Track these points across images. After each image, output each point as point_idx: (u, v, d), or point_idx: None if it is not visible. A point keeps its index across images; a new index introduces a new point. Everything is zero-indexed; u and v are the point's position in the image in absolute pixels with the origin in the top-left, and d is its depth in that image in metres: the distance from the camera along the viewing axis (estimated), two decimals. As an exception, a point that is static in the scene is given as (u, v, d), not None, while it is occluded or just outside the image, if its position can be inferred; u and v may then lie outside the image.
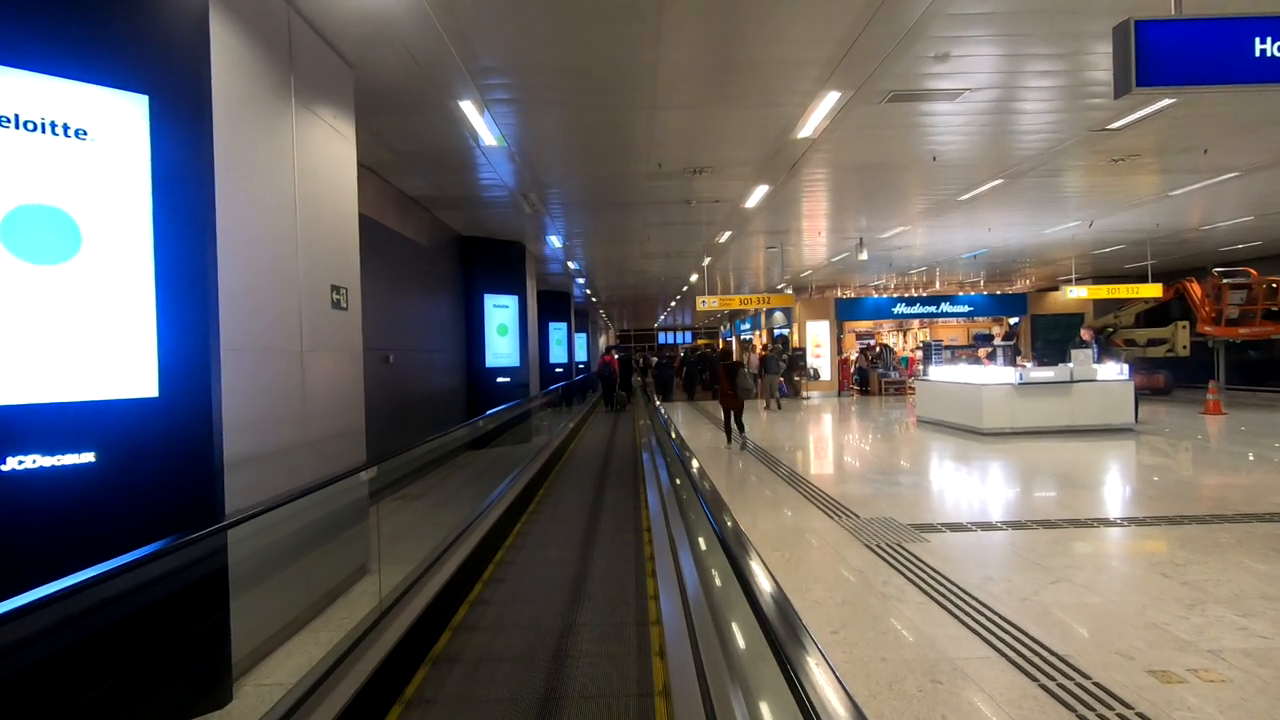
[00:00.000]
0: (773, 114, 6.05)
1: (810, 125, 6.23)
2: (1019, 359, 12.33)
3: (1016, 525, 5.44)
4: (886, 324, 26.50)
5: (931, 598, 3.89)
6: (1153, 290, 13.24)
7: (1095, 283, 13.58)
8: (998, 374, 11.21)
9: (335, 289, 4.33)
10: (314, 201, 4.10)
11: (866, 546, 4.96)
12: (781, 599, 1.77)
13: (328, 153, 4.37)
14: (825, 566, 4.58)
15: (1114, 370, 11.17)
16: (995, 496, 6.76)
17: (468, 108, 5.56)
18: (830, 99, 5.59)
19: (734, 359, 10.47)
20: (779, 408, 16.01)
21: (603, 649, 3.77)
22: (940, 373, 12.89)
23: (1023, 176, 8.47)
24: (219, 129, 3.02)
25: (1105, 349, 11.38)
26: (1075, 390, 10.92)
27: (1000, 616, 3.58)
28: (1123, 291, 13.24)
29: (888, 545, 4.95)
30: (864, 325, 24.43)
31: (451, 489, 8.11)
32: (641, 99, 5.58)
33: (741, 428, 9.82)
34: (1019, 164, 7.88)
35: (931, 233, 12.49)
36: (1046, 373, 11.05)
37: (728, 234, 11.86)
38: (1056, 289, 22.43)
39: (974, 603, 3.79)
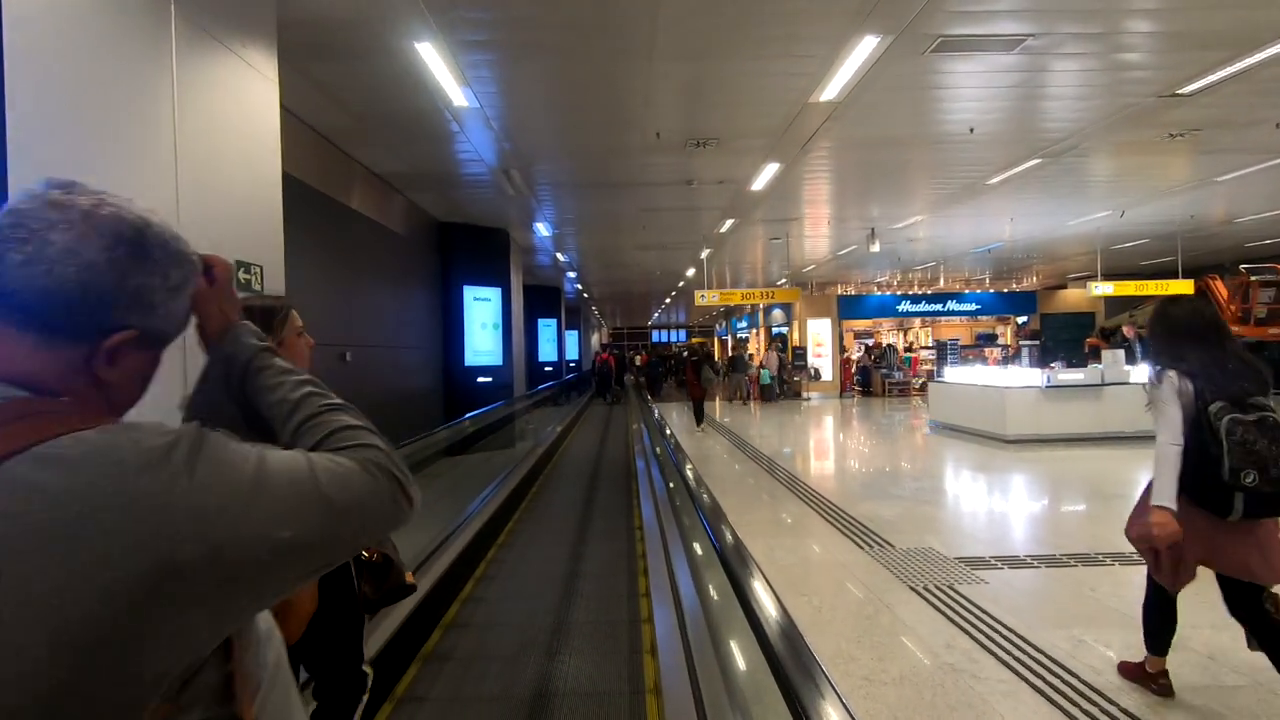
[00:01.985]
0: (793, 68, 5.11)
1: (836, 85, 5.30)
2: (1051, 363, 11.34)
3: (1085, 559, 4.53)
4: (886, 323, 25.66)
5: (1019, 675, 2.96)
6: (1184, 286, 12.39)
7: (1106, 281, 12.75)
8: (1023, 376, 10.33)
9: (244, 267, 3.36)
10: (208, 152, 3.13)
11: (912, 589, 4.04)
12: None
13: (236, 93, 3.40)
14: (867, 621, 3.65)
15: (1147, 372, 10.30)
16: (1045, 520, 5.85)
17: (428, 53, 4.59)
18: (865, 47, 4.65)
19: (699, 358, 13.18)
20: (744, 402, 17.56)
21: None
22: (957, 374, 12.00)
23: (1063, 156, 7.56)
24: (9, 22, 2.05)
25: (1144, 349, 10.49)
26: (1106, 394, 10.06)
27: (1126, 713, 2.65)
28: (1151, 288, 12.40)
29: (937, 589, 4.04)
30: (861, 324, 23.55)
31: (421, 503, 7.16)
32: (639, 43, 4.62)
33: (703, 413, 12.49)
34: (1065, 139, 6.97)
35: (949, 223, 11.59)
36: (1075, 374, 10.19)
37: (730, 222, 10.91)
38: (1065, 286, 21.62)
39: (1078, 684, 2.87)
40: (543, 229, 11.12)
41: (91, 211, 0.61)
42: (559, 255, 14.29)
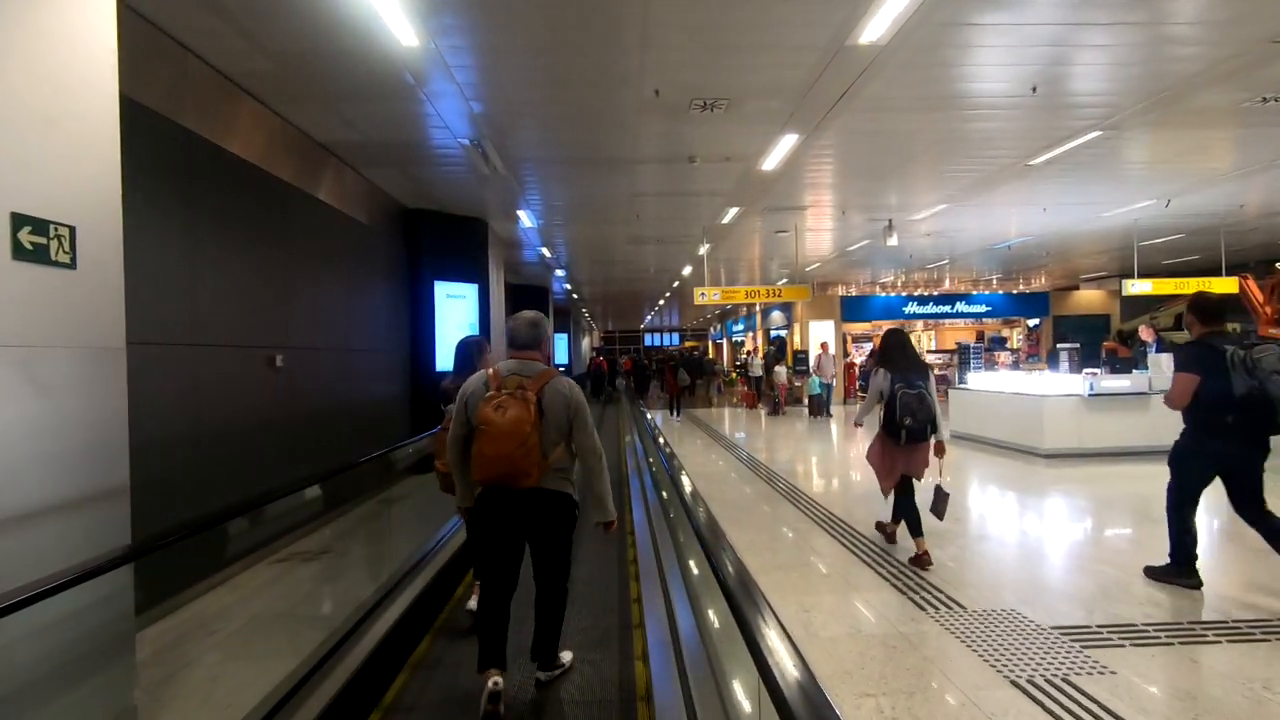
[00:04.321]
0: (832, -6, 4.00)
1: (885, 18, 4.20)
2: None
3: (1224, 629, 3.42)
4: (886, 325, 24.65)
5: None
6: (1227, 285, 11.38)
7: (1143, 279, 11.68)
8: (1061, 383, 9.27)
9: (29, 225, 2.20)
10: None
11: (1013, 684, 2.91)
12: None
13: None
14: (971, 748, 2.52)
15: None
16: (1140, 566, 4.70)
17: (354, -43, 3.45)
18: (933, -46, 3.54)
19: (675, 363, 17.17)
20: (773, 413, 15.91)
21: None
22: (984, 380, 10.92)
23: (1126, 128, 6.50)
24: None
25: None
26: (1154, 403, 9.00)
27: None
28: (1193, 285, 11.38)
29: (1048, 683, 2.91)
30: (860, 327, 22.49)
31: (371, 535, 5.97)
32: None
33: (679, 406, 16.05)
34: (1138, 103, 5.89)
35: (973, 215, 10.51)
36: (1120, 382, 9.13)
37: (733, 211, 9.80)
38: (1078, 287, 20.67)
39: None
40: (526, 219, 9.96)
41: (523, 318, 2.88)
42: (545, 251, 13.13)
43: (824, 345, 16.20)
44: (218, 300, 4.75)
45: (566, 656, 3.12)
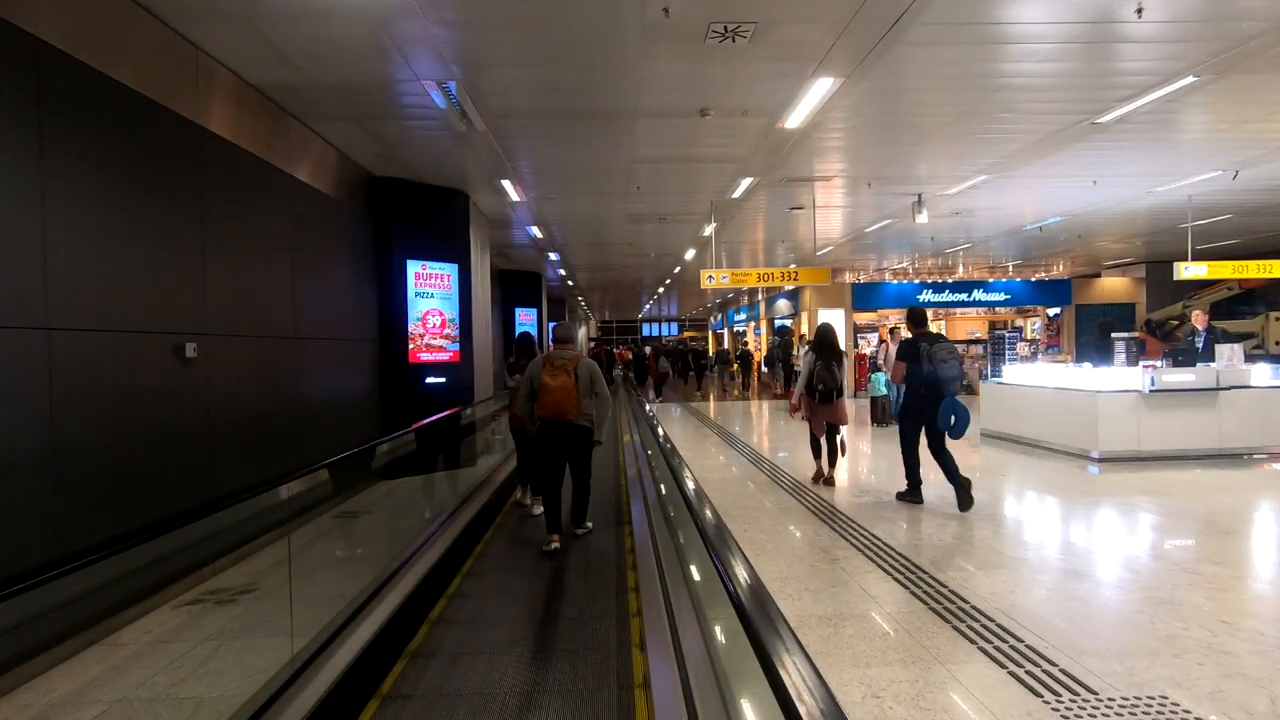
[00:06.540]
0: None
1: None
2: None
3: None
4: (893, 316, 23.62)
5: None
6: (1288, 266, 10.32)
7: (1198, 262, 10.55)
8: (1116, 378, 8.22)
9: None
10: None
11: None
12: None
13: None
14: None
15: (1268, 374, 8.29)
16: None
17: None
18: None
19: (656, 353, 20.04)
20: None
21: None
22: (1022, 374, 9.85)
23: (1226, 71, 5.42)
24: None
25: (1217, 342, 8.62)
26: (1222, 400, 7.99)
27: None
28: (1253, 269, 10.34)
29: None
30: (866, 317, 21.43)
31: (322, 555, 4.91)
32: None
33: (661, 390, 17.75)
34: (1256, 34, 4.80)
35: (1013, 188, 9.40)
36: (1185, 375, 8.09)
37: (746, 183, 8.70)
38: (1099, 275, 19.64)
39: None
40: (512, 191, 8.83)
41: (563, 325, 5.55)
42: (536, 231, 12.01)
43: (890, 332, 12.06)
44: (87, 271, 3.64)
45: (590, 524, 5.43)
